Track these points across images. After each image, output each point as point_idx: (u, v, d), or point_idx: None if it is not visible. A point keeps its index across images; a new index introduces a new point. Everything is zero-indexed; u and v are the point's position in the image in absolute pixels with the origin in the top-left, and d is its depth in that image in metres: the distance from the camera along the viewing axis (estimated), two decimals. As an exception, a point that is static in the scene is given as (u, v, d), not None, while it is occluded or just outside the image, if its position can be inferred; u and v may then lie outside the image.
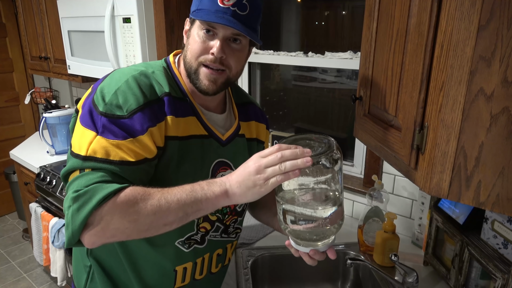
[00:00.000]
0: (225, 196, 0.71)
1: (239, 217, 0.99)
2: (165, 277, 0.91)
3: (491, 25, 0.59)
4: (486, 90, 0.61)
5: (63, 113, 2.37)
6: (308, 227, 0.74)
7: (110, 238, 0.71)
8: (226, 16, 0.76)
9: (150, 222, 0.70)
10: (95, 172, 0.70)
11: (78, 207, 0.67)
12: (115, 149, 0.72)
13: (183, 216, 0.71)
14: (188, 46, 0.82)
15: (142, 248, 0.86)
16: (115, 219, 0.68)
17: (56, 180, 2.11)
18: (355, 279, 1.34)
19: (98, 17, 1.83)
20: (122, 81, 0.76)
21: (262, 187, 0.67)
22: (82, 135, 0.73)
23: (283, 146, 0.68)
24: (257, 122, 1.04)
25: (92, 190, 0.68)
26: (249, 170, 0.68)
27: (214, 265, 0.99)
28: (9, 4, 3.20)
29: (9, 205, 3.46)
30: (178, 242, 0.88)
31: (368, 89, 0.98)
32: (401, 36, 0.78)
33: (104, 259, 0.91)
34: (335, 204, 0.74)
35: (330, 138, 0.73)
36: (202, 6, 0.78)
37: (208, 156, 0.88)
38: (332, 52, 1.61)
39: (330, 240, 0.77)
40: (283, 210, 0.75)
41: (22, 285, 2.59)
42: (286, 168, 0.66)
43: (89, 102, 0.76)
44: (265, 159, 0.68)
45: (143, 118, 0.74)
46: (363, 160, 1.58)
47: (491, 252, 0.92)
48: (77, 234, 0.69)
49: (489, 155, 0.63)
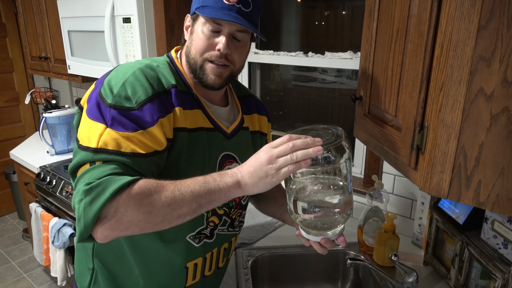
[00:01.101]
0: (238, 186, 0.71)
1: (243, 210, 1.00)
2: (177, 275, 0.91)
3: (491, 25, 0.59)
4: (486, 90, 0.61)
5: (63, 113, 2.37)
6: (318, 216, 0.75)
7: (123, 231, 0.69)
8: (232, 13, 0.78)
9: (165, 213, 0.69)
10: (107, 165, 0.69)
11: (91, 200, 0.66)
12: (126, 141, 0.71)
13: (197, 208, 0.71)
14: (192, 42, 0.83)
15: (153, 245, 0.86)
16: (129, 211, 0.67)
17: (56, 180, 2.11)
18: (355, 279, 1.34)
19: (98, 17, 1.83)
20: (129, 73, 0.76)
21: (274, 177, 0.68)
22: (90, 128, 0.72)
23: (293, 136, 0.69)
24: (259, 115, 1.05)
25: (105, 182, 0.66)
26: (261, 160, 0.69)
27: (221, 259, 1.00)
28: (9, 4, 3.20)
29: (9, 205, 3.46)
30: (189, 237, 0.88)
31: (368, 89, 0.98)
32: (401, 36, 0.78)
33: (109, 261, 0.90)
34: (344, 193, 0.75)
35: (338, 128, 0.74)
36: (207, 3, 0.79)
37: (215, 149, 0.88)
38: (332, 52, 1.61)
39: (340, 228, 0.78)
40: (294, 199, 0.76)
41: (22, 285, 2.59)
42: (298, 157, 0.66)
43: (95, 95, 0.76)
44: (276, 149, 0.68)
45: (153, 109, 0.74)
46: (363, 160, 1.58)
47: (491, 252, 0.92)
48: (89, 228, 0.67)
49: (489, 155, 0.63)
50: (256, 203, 1.12)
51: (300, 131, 0.75)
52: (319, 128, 0.77)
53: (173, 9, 1.72)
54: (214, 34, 0.81)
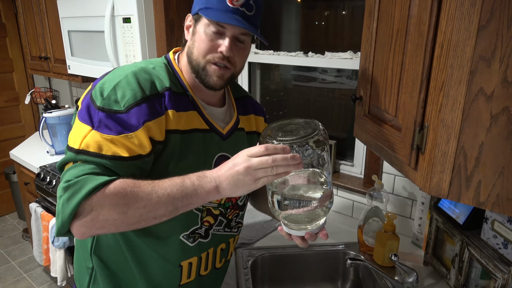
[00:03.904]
0: (216, 192, 0.72)
1: (240, 211, 1.00)
2: (171, 273, 0.91)
3: (491, 25, 0.59)
4: (486, 90, 0.61)
5: (63, 113, 2.37)
6: (299, 211, 0.76)
7: (99, 229, 0.71)
8: (236, 16, 0.78)
9: (140, 215, 0.70)
10: (86, 164, 0.71)
11: (68, 197, 0.69)
12: (109, 143, 0.72)
13: (173, 210, 0.72)
14: (195, 43, 0.83)
15: (147, 243, 0.87)
16: (105, 210, 0.69)
17: (56, 180, 2.11)
18: (355, 279, 1.34)
19: (98, 17, 1.83)
20: (122, 77, 0.77)
21: (251, 185, 0.69)
22: (78, 129, 0.75)
23: (269, 147, 0.69)
24: (255, 116, 1.05)
25: (82, 181, 0.69)
26: (238, 169, 0.69)
27: (218, 260, 1.00)
28: (9, 4, 3.19)
29: (9, 205, 3.46)
30: (183, 236, 0.88)
31: (368, 89, 0.98)
32: (401, 36, 0.78)
33: (108, 259, 0.91)
34: (323, 186, 0.76)
35: (315, 121, 0.75)
36: (210, 5, 0.79)
37: (211, 150, 0.89)
38: (332, 52, 1.61)
39: (321, 222, 0.78)
40: (274, 195, 0.77)
41: (22, 285, 2.59)
42: (278, 172, 0.68)
43: (87, 97, 0.78)
44: (255, 161, 0.68)
45: (139, 113, 0.75)
46: (363, 160, 1.58)
47: (491, 252, 0.92)
48: (66, 224, 0.70)
49: (489, 155, 0.63)
50: (251, 199, 1.12)
51: (277, 127, 0.76)
52: (296, 122, 0.77)
53: (173, 9, 1.72)
54: (217, 36, 0.81)
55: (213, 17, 0.78)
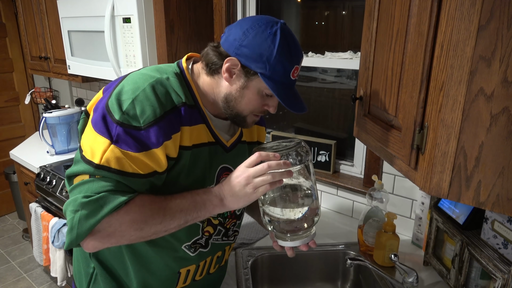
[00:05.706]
0: (221, 205, 0.79)
1: (237, 220, 1.02)
2: (169, 278, 0.92)
3: (491, 25, 0.59)
4: (486, 90, 0.61)
5: (63, 113, 2.37)
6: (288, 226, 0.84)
7: (113, 244, 0.74)
8: (294, 89, 0.85)
9: (155, 230, 0.75)
10: (106, 181, 0.71)
11: (87, 214, 0.69)
12: (129, 160, 0.72)
13: (183, 223, 0.78)
14: (244, 98, 0.84)
15: (149, 251, 0.87)
16: (123, 227, 0.72)
17: (56, 180, 2.11)
18: (355, 279, 1.34)
19: (98, 17, 1.83)
20: (140, 90, 0.75)
21: (252, 194, 0.76)
22: (94, 141, 0.73)
23: (263, 154, 0.76)
24: (258, 126, 1.08)
25: (104, 199, 0.69)
26: (239, 180, 0.76)
27: (213, 266, 1.02)
28: (9, 4, 3.20)
29: (9, 205, 3.46)
30: (185, 246, 0.90)
31: (368, 89, 0.98)
32: (401, 36, 0.78)
33: (107, 261, 0.91)
34: (311, 198, 0.85)
35: (297, 139, 0.85)
36: (275, 76, 0.80)
37: (215, 162, 0.90)
38: (332, 52, 1.61)
39: (313, 231, 0.88)
40: (263, 212, 0.86)
41: (22, 285, 2.60)
42: (275, 177, 0.75)
43: (102, 106, 0.75)
44: (252, 170, 0.75)
45: (159, 132, 0.74)
46: (363, 160, 1.58)
47: (491, 252, 0.92)
48: (81, 239, 0.71)
49: (489, 155, 0.63)
50: (247, 209, 1.14)
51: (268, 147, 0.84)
52: (281, 141, 0.86)
53: (173, 9, 1.72)
54: (268, 96, 0.85)
55: (281, 96, 0.80)
